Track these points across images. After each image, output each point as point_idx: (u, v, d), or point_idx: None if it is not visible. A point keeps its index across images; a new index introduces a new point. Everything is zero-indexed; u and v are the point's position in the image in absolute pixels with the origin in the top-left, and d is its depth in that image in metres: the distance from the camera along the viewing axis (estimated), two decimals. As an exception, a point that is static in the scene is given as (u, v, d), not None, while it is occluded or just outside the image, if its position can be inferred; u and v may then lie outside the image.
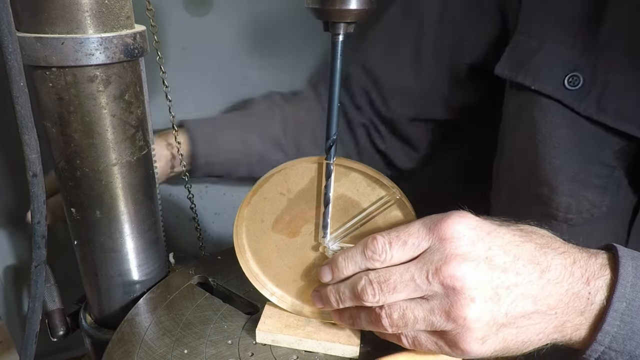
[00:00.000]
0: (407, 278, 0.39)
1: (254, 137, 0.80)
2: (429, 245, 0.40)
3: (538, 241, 0.40)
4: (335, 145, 0.43)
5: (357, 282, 0.42)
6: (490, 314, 0.37)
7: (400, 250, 0.40)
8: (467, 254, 0.38)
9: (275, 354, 0.49)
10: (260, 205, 0.49)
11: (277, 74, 1.02)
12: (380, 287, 0.40)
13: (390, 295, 0.40)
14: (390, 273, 0.40)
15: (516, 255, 0.39)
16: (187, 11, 0.87)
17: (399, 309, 0.40)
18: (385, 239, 0.41)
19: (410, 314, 0.39)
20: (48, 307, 0.66)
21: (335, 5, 0.37)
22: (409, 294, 0.39)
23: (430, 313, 0.38)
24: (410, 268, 0.39)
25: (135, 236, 0.57)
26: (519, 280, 0.38)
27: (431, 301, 0.39)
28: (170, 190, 0.99)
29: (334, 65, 0.41)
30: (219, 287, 0.60)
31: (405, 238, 0.40)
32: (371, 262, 0.41)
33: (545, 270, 0.39)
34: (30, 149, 0.43)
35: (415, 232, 0.40)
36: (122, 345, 0.49)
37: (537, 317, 0.39)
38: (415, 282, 0.39)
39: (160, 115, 0.71)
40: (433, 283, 0.38)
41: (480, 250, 0.38)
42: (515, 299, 0.38)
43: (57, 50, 0.44)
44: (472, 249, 0.38)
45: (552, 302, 0.38)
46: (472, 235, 0.39)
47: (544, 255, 0.39)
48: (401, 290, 0.39)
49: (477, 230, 0.39)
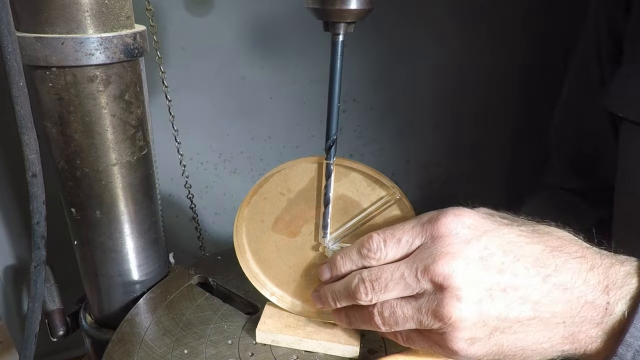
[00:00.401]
0: (397, 276, 0.38)
1: None
2: (421, 242, 0.39)
3: (550, 243, 0.38)
4: (335, 145, 0.43)
5: (351, 281, 0.41)
6: (478, 315, 0.36)
7: (394, 248, 0.40)
8: (457, 252, 0.37)
9: (275, 354, 0.49)
10: (260, 205, 0.49)
11: (277, 74, 1.02)
12: (372, 285, 0.40)
13: (382, 294, 0.39)
14: (382, 271, 0.39)
15: (517, 256, 0.37)
16: (187, 11, 0.87)
17: (390, 307, 0.39)
18: (380, 237, 0.41)
19: (400, 312, 0.39)
20: (48, 307, 0.66)
21: (335, 5, 0.37)
22: (400, 292, 0.39)
23: (418, 311, 0.38)
24: (401, 266, 0.39)
25: (135, 236, 0.57)
26: (517, 282, 0.36)
27: (420, 299, 0.38)
28: (170, 190, 0.99)
29: (334, 65, 0.41)
30: (219, 287, 0.60)
31: (400, 235, 0.40)
32: (367, 260, 0.41)
33: (552, 275, 0.36)
34: (29, 149, 0.43)
35: (410, 229, 0.40)
36: (122, 345, 0.49)
37: (539, 324, 0.36)
38: (405, 280, 0.38)
39: (160, 115, 0.71)
40: (422, 281, 0.37)
41: (474, 249, 0.37)
42: (511, 302, 0.36)
43: (57, 50, 0.44)
44: (464, 247, 0.37)
45: (558, 309, 0.36)
46: (467, 234, 0.37)
47: (552, 258, 0.37)
48: (392, 288, 0.39)
49: (473, 229, 0.38)
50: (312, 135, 1.14)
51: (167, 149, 0.78)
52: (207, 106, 0.97)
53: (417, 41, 1.18)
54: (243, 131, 1.05)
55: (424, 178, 1.40)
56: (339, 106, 0.42)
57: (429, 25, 1.18)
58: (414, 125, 1.30)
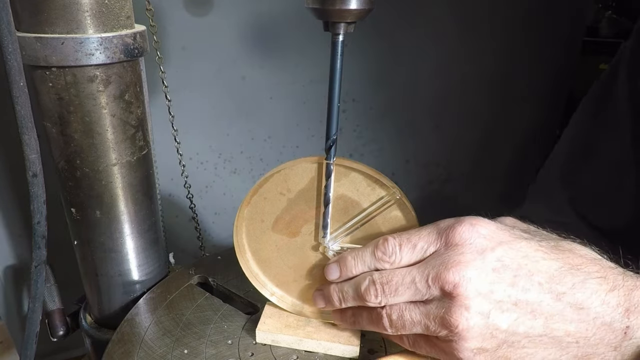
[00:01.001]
0: (408, 280, 0.38)
1: None
2: (436, 249, 0.39)
3: (570, 260, 0.37)
4: (335, 145, 0.43)
5: (361, 282, 0.42)
6: (485, 327, 0.36)
7: (409, 252, 0.40)
8: (470, 262, 0.36)
9: (275, 354, 0.49)
10: (260, 205, 0.48)
11: (277, 74, 1.02)
12: (383, 288, 0.40)
13: (392, 297, 0.40)
14: (393, 274, 0.40)
15: (531, 271, 0.36)
16: (187, 11, 0.87)
17: (398, 309, 0.40)
18: (396, 240, 0.41)
19: (408, 315, 0.39)
20: (48, 307, 0.66)
21: (335, 5, 0.37)
22: (410, 297, 0.39)
23: (426, 317, 0.38)
24: (412, 271, 0.39)
25: (135, 236, 0.57)
26: (529, 297, 0.35)
27: (429, 305, 0.38)
28: (170, 190, 0.99)
29: (334, 65, 0.41)
30: (219, 287, 0.60)
31: (416, 241, 0.40)
32: (380, 263, 0.41)
33: (567, 293, 0.35)
34: (30, 149, 0.43)
35: (426, 235, 0.40)
36: (122, 345, 0.49)
37: (550, 342, 0.36)
38: (416, 286, 0.38)
39: (160, 115, 0.71)
40: (432, 287, 0.37)
41: (487, 259, 0.36)
42: (521, 317, 0.36)
43: (57, 50, 0.44)
44: (477, 257, 0.36)
45: (572, 328, 0.35)
46: (482, 244, 0.37)
47: (570, 275, 0.36)
48: (403, 292, 0.39)
49: (488, 239, 0.37)
50: (312, 135, 1.14)
51: (167, 149, 0.78)
52: (207, 106, 0.97)
53: (417, 41, 1.18)
54: (243, 131, 1.05)
55: (424, 178, 1.40)
56: (339, 106, 0.42)
57: (429, 25, 1.18)
58: (413, 125, 1.30)
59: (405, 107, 1.26)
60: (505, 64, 1.34)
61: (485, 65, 1.31)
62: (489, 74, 1.34)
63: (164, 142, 0.78)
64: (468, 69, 1.29)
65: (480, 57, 1.29)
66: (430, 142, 1.35)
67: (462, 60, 1.27)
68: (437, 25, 1.19)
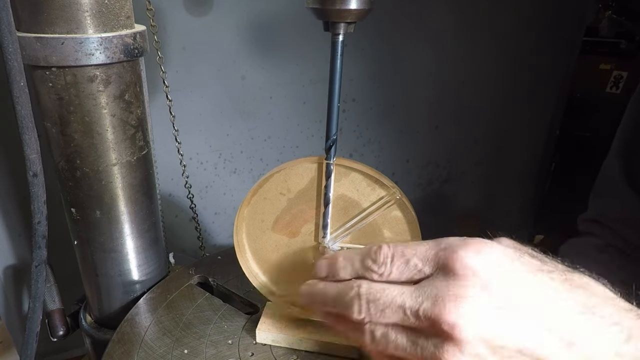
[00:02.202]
0: (397, 304, 0.34)
1: None
2: (431, 271, 0.34)
3: (584, 300, 0.32)
4: (335, 145, 0.43)
5: (347, 292, 0.37)
6: None
7: (400, 268, 0.36)
8: (472, 298, 0.32)
9: (275, 354, 0.49)
10: (260, 205, 0.49)
11: (277, 74, 1.02)
12: (368, 305, 0.36)
13: (377, 317, 0.35)
14: (382, 293, 0.35)
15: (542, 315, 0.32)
16: (187, 11, 0.87)
17: (384, 329, 0.36)
18: (389, 251, 0.37)
19: (393, 337, 0.35)
20: (48, 307, 0.66)
21: (335, 5, 0.37)
22: (396, 321, 0.35)
23: (413, 346, 0.34)
24: (404, 294, 0.34)
25: (135, 236, 0.57)
26: (537, 346, 0.31)
27: (418, 335, 0.34)
28: (170, 190, 0.99)
29: (334, 65, 0.41)
30: (219, 287, 0.60)
31: (410, 257, 0.35)
32: (368, 273, 0.37)
33: (578, 343, 0.31)
34: (30, 148, 0.43)
35: (422, 253, 0.35)
36: (122, 345, 0.49)
37: None
38: (405, 313, 0.34)
39: (160, 115, 0.71)
40: (423, 321, 0.33)
41: (493, 296, 0.32)
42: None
43: (57, 50, 0.44)
44: (481, 294, 0.32)
45: None
46: (487, 277, 0.32)
47: (583, 322, 0.32)
48: (390, 315, 0.35)
49: (496, 271, 0.32)
50: (312, 135, 1.14)
51: (167, 149, 0.78)
52: (207, 106, 0.97)
53: (417, 42, 1.18)
54: (243, 131, 1.05)
55: (424, 178, 1.40)
56: (338, 106, 0.42)
57: (429, 25, 1.18)
58: (413, 125, 1.30)
59: (405, 107, 1.26)
60: (505, 64, 1.34)
61: (485, 65, 1.32)
62: (488, 74, 1.34)
63: (164, 142, 0.78)
64: (468, 69, 1.29)
65: (480, 57, 1.29)
66: (430, 142, 1.35)
67: (462, 60, 1.27)
68: (437, 25, 1.19)
